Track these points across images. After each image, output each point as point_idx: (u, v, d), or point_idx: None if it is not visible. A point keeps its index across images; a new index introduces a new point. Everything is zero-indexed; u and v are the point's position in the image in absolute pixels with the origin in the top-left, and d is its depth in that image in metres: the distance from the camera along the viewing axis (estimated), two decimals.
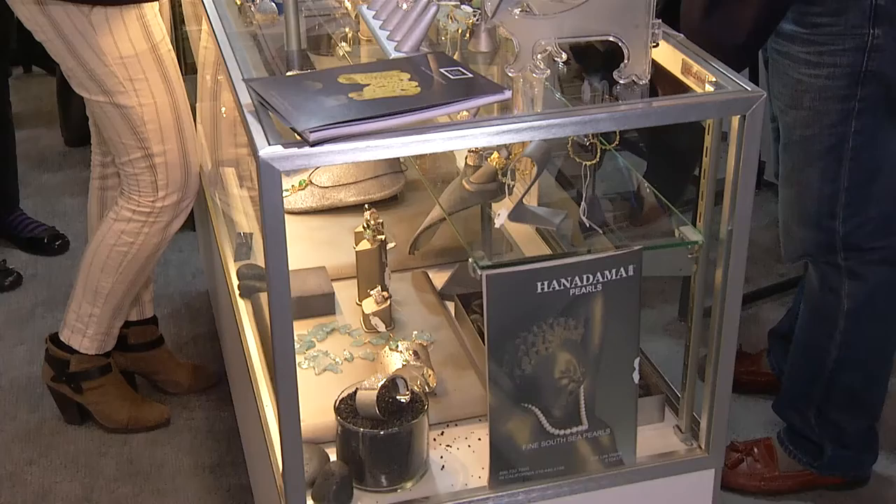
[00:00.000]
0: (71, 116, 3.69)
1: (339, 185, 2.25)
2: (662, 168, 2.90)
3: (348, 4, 1.89)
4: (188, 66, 2.80)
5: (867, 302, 2.05)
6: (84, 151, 3.40)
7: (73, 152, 3.72)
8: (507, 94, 1.33)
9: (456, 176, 1.80)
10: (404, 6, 1.58)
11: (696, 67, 1.44)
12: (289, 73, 2.16)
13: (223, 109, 2.50)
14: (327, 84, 1.34)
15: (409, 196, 2.33)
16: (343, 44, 1.91)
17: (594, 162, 1.53)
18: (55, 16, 2.00)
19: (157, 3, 2.13)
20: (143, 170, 2.16)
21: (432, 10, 1.52)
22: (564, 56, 1.44)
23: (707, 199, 1.49)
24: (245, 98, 1.38)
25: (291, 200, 2.27)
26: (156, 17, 2.13)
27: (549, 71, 1.42)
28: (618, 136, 1.54)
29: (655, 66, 1.46)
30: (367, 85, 1.33)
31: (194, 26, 2.75)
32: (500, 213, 1.56)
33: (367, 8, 1.68)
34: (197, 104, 2.57)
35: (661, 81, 1.50)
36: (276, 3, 2.33)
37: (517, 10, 1.40)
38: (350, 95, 1.30)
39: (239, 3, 2.22)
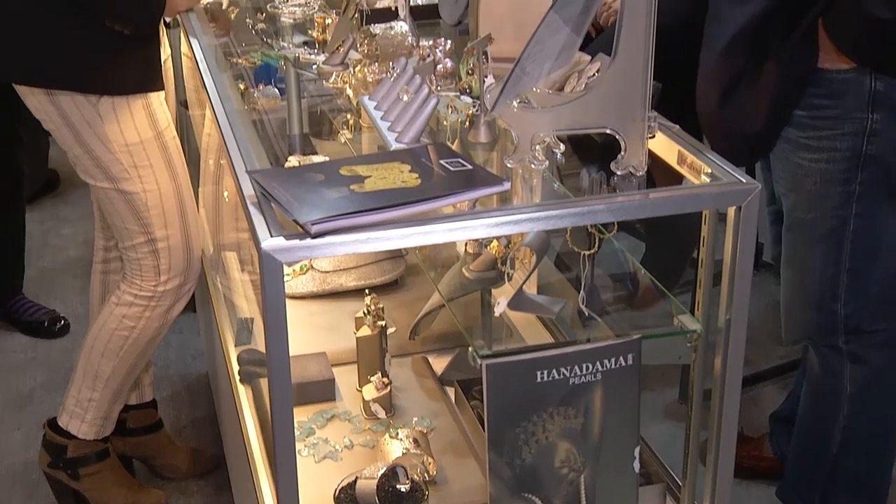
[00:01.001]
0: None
1: (340, 270, 2.27)
2: (661, 250, 2.91)
3: (349, 92, 1.92)
4: (191, 151, 2.84)
5: (870, 385, 2.04)
6: (86, 233, 3.44)
7: (77, 234, 3.74)
8: (507, 185, 1.35)
9: (456, 261, 1.81)
10: (405, 98, 1.61)
11: (691, 158, 1.47)
12: (291, 157, 2.19)
13: (225, 194, 2.53)
14: (329, 176, 1.36)
15: (410, 280, 2.34)
16: (344, 130, 1.94)
17: (593, 251, 1.54)
18: (63, 105, 2.04)
19: (163, 91, 2.18)
20: (146, 254, 2.18)
21: (432, 102, 1.55)
22: (563, 147, 1.47)
23: (705, 286, 1.50)
24: (248, 189, 1.40)
25: (292, 285, 2.28)
26: (161, 105, 2.17)
27: (547, 162, 1.44)
28: (616, 225, 1.55)
29: (652, 155, 1.48)
30: (369, 177, 1.36)
31: (198, 111, 2.79)
32: (500, 301, 1.57)
33: (369, 99, 1.71)
34: (199, 188, 2.60)
35: (658, 171, 1.52)
36: (278, 88, 2.37)
37: (516, 103, 1.43)
38: (351, 187, 1.32)
39: (242, 87, 2.26)
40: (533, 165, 1.43)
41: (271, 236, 1.27)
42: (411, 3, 1.96)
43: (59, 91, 2.03)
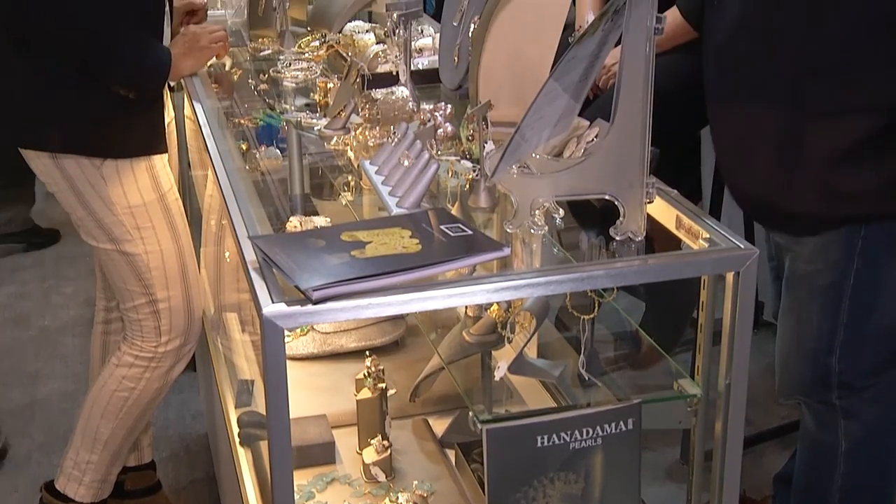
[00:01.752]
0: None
1: (341, 332, 2.27)
2: (661, 310, 2.92)
3: (351, 154, 1.95)
4: (193, 211, 2.86)
5: (864, 441, 2.04)
6: (87, 292, 3.44)
7: (78, 293, 3.75)
8: (506, 251, 1.36)
9: (456, 322, 1.82)
10: (406, 163, 1.62)
11: (689, 223, 1.48)
12: (292, 217, 2.20)
13: (227, 254, 2.54)
14: (330, 241, 1.37)
15: (411, 341, 2.34)
16: (345, 192, 1.96)
17: (592, 316, 1.55)
18: (68, 168, 2.06)
19: (166, 153, 2.20)
20: (147, 315, 2.19)
21: (433, 168, 1.56)
22: (562, 212, 1.48)
23: (704, 350, 1.51)
24: (250, 254, 1.41)
25: (293, 346, 2.28)
26: (165, 167, 2.19)
27: (546, 227, 1.45)
28: (615, 289, 1.56)
29: (650, 220, 1.50)
30: (370, 242, 1.37)
31: (200, 171, 2.82)
32: (500, 365, 1.57)
33: (370, 163, 1.73)
34: (201, 248, 2.62)
35: (656, 234, 1.53)
36: (280, 148, 2.40)
37: (515, 168, 1.45)
38: (352, 253, 1.33)
39: (244, 147, 2.29)
40: (532, 230, 1.44)
41: (273, 302, 1.27)
42: (412, 68, 1.98)
43: (63, 154, 2.05)
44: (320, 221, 2.14)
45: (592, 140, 1.52)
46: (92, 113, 2.06)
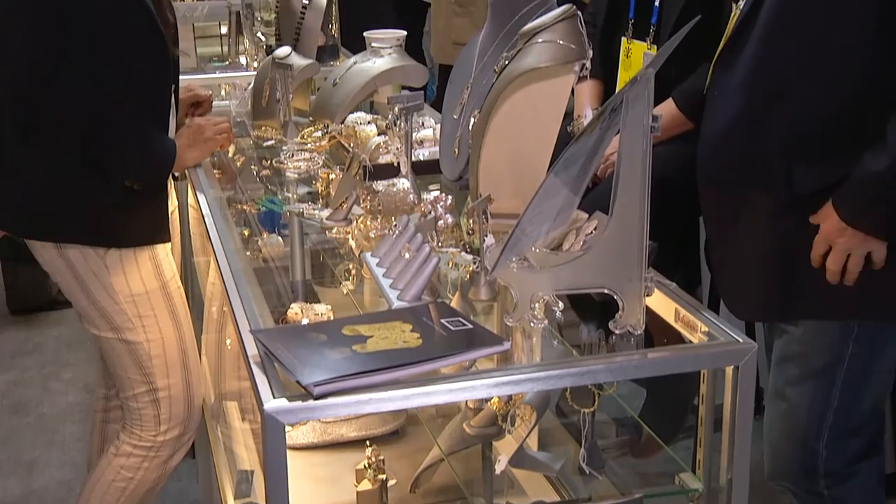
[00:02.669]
0: (15, 285, 3.82)
1: (341, 420, 2.26)
2: (662, 397, 2.91)
3: (352, 243, 1.96)
4: (195, 297, 2.87)
5: None
6: (87, 378, 3.42)
7: (77, 378, 3.74)
8: (507, 345, 1.37)
9: (456, 412, 1.81)
10: (407, 255, 1.64)
11: (688, 316, 1.49)
12: (293, 305, 2.22)
13: (227, 342, 2.54)
14: (332, 336, 1.38)
15: (411, 430, 2.33)
16: (346, 281, 1.97)
17: (592, 409, 1.55)
18: (72, 258, 2.08)
19: (169, 242, 2.22)
20: (147, 404, 2.18)
21: (433, 261, 1.58)
22: (561, 305, 1.49)
23: (705, 444, 1.51)
24: (252, 349, 1.41)
25: (293, 436, 2.27)
26: (168, 256, 2.21)
27: (546, 321, 1.46)
28: (615, 382, 1.56)
29: (649, 311, 1.51)
30: (371, 336, 1.38)
31: (202, 258, 2.83)
32: (501, 458, 1.57)
33: (371, 255, 1.75)
34: (202, 335, 2.62)
35: (655, 326, 1.54)
36: (281, 235, 2.42)
37: (515, 260, 1.46)
38: (354, 348, 1.34)
39: (246, 234, 2.31)
40: (532, 324, 1.45)
41: (274, 397, 1.28)
42: (413, 159, 2.02)
43: (68, 245, 2.07)
44: (321, 309, 2.15)
45: (591, 232, 1.54)
46: (97, 203, 2.08)
